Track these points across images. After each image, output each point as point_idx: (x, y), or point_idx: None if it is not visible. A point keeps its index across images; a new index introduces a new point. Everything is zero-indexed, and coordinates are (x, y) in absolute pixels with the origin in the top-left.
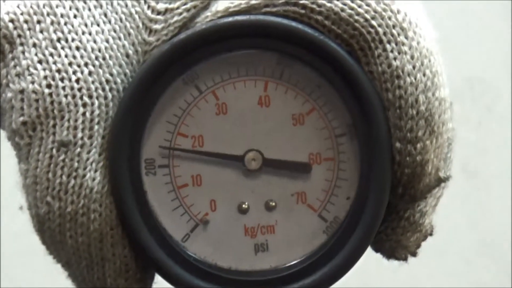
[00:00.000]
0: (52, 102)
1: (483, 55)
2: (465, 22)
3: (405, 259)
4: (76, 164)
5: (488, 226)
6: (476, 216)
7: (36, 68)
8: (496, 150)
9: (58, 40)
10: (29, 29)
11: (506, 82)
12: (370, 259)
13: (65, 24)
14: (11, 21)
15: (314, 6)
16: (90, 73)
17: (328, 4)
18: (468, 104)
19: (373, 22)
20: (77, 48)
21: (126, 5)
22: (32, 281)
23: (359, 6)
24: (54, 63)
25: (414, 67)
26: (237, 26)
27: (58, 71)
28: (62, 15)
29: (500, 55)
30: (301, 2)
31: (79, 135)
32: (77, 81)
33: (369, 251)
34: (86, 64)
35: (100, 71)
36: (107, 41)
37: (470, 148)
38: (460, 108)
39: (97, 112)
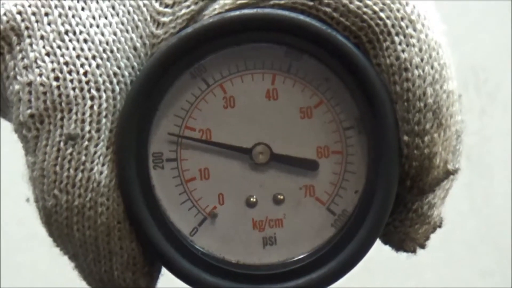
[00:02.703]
0: (60, 95)
1: (486, 43)
2: (469, 10)
3: (413, 251)
4: (83, 158)
5: (491, 213)
6: (479, 203)
7: (43, 61)
8: (499, 138)
9: (66, 32)
10: (37, 21)
11: (509, 71)
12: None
13: (73, 16)
14: (19, 13)
15: None
16: (98, 66)
17: None
18: (472, 92)
19: (382, 14)
20: (85, 41)
21: None
22: (34, 266)
23: None
24: (62, 55)
25: (422, 60)
26: (245, 20)
27: (66, 63)
28: (70, 8)
29: (504, 44)
30: None
31: (87, 128)
32: (85, 74)
33: None
34: (94, 57)
35: (108, 64)
36: (115, 34)
37: (473, 136)
38: (464, 96)
39: (104, 105)
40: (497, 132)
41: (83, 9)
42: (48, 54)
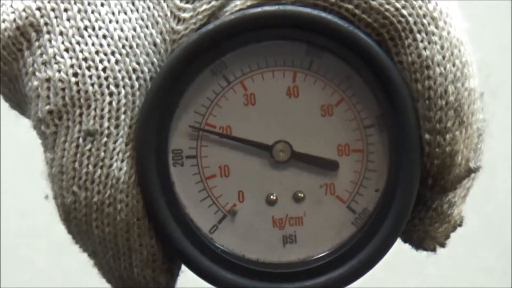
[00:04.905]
0: (78, 91)
1: (489, 39)
2: (472, 6)
3: (433, 250)
4: (102, 154)
5: (492, 209)
6: (481, 199)
7: (62, 57)
8: (501, 134)
9: (85, 28)
10: (56, 17)
11: (511, 67)
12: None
13: (92, 12)
14: (38, 9)
15: None
16: (117, 62)
17: None
18: None
19: (404, 11)
20: (104, 37)
21: None
22: (34, 261)
23: None
24: (81, 51)
25: (444, 57)
26: (266, 17)
27: (85, 59)
28: (89, 3)
29: (506, 39)
30: None
31: (106, 124)
32: (104, 69)
33: None
34: (113, 53)
35: (127, 59)
36: (135, 29)
37: None
38: None
39: (123, 101)
40: (499, 128)
41: (102, 4)
42: (67, 50)
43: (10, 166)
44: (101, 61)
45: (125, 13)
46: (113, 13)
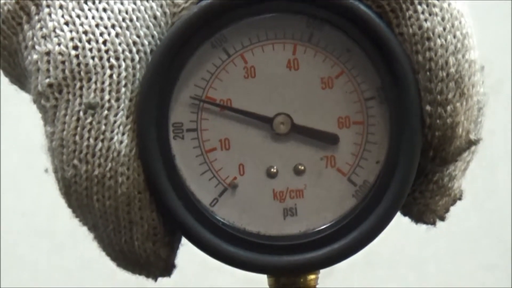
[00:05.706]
0: (78, 64)
1: (489, 37)
2: (472, 4)
3: (433, 223)
4: (103, 127)
5: (493, 206)
6: (481, 197)
7: (62, 30)
8: (501, 131)
9: (85, 1)
10: None
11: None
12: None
13: None
14: None
15: None
16: (117, 35)
17: None
18: None
19: None
20: (104, 10)
21: None
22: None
23: None
24: (81, 24)
25: (444, 29)
26: None
27: (85, 32)
28: None
29: (507, 37)
30: None
31: (106, 97)
32: (104, 42)
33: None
34: (113, 26)
35: (127, 32)
36: (135, 2)
37: None
38: None
39: (124, 74)
40: (499, 126)
41: None
42: (67, 23)
43: (11, 166)
44: (101, 34)
45: None
46: None
